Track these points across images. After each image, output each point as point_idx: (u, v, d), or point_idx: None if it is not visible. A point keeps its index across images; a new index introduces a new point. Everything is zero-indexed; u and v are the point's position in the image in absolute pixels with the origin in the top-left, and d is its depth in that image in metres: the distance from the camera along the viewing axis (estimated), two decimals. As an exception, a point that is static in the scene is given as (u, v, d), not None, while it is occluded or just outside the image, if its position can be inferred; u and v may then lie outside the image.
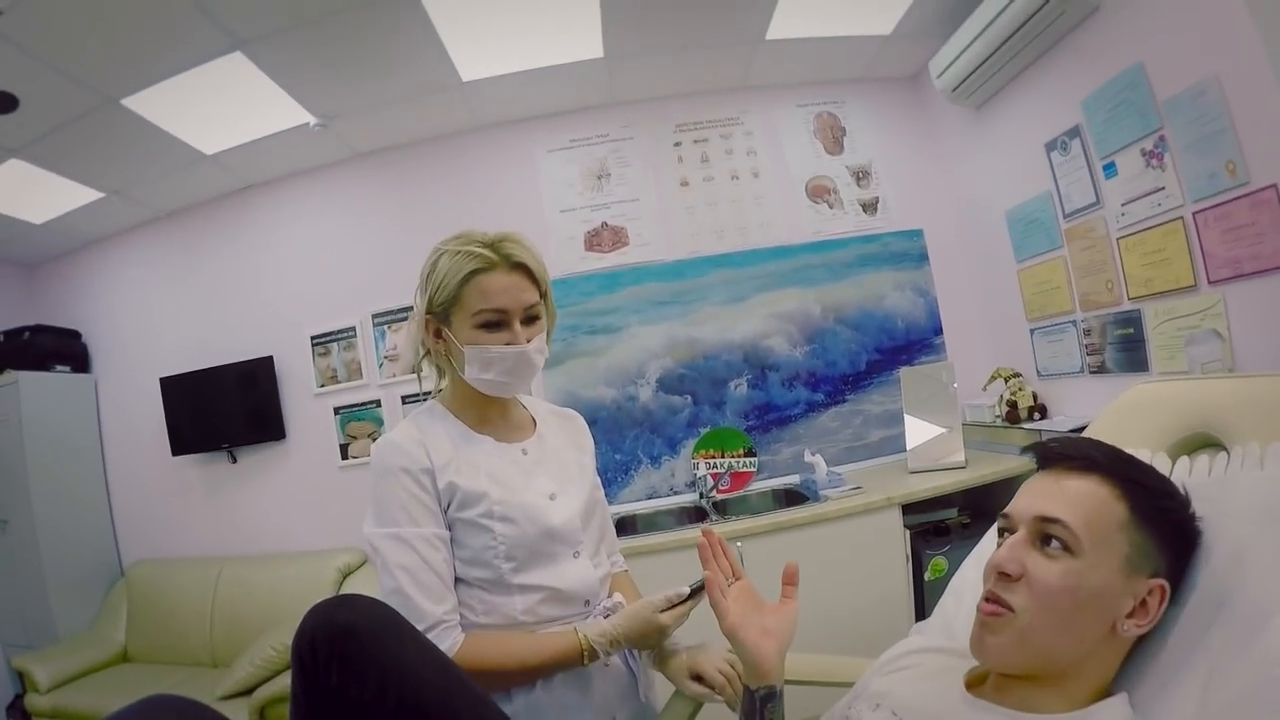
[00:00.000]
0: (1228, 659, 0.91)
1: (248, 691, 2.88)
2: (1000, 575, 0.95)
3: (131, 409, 3.93)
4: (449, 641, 1.24)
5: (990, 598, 0.96)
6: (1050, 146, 2.91)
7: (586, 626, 1.32)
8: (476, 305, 1.31)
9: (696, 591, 1.36)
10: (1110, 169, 2.63)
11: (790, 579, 1.18)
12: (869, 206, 3.67)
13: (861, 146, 3.70)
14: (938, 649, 1.20)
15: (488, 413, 1.43)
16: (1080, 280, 2.95)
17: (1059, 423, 3.02)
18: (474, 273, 1.30)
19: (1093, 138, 2.68)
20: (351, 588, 3.30)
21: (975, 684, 1.04)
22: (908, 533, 2.99)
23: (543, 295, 1.39)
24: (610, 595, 1.48)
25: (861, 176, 3.67)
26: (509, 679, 1.30)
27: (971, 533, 3.14)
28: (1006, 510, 1.03)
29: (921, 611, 3.04)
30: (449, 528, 1.32)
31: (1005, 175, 3.27)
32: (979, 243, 3.59)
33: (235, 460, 3.77)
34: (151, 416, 3.80)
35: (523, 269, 1.34)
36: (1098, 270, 2.83)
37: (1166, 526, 0.97)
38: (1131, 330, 2.72)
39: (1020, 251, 3.29)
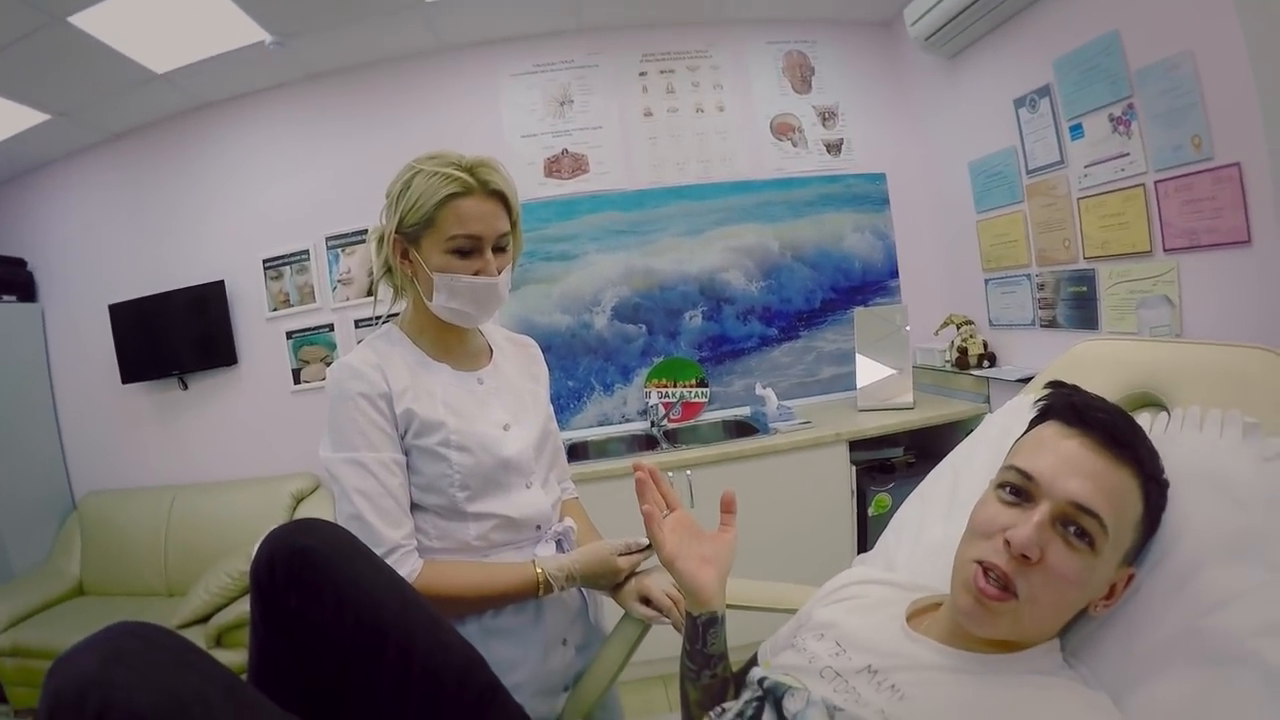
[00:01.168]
0: (1156, 609, 0.94)
1: (204, 619, 2.87)
2: (1021, 558, 0.88)
3: (80, 338, 3.82)
4: (407, 568, 1.24)
5: (994, 571, 0.90)
6: (1019, 103, 2.92)
7: (545, 561, 1.34)
8: (451, 230, 1.27)
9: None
10: (1077, 130, 2.65)
11: (728, 507, 1.18)
12: (833, 147, 3.65)
13: (830, 87, 3.66)
14: (880, 581, 1.20)
15: (446, 339, 1.42)
16: (1038, 236, 2.99)
17: (1007, 372, 3.09)
18: (451, 196, 1.26)
19: (1062, 98, 2.70)
20: (305, 513, 3.30)
21: (915, 616, 1.06)
22: (854, 468, 3.06)
23: (513, 225, 1.37)
24: (561, 520, 1.50)
25: (828, 117, 3.65)
26: (465, 606, 1.31)
27: (916, 472, 3.22)
28: (1028, 469, 0.93)
29: (864, 544, 3.10)
30: (405, 454, 1.32)
31: (971, 127, 3.28)
32: (941, 191, 3.61)
33: (186, 387, 3.70)
34: (100, 345, 3.71)
35: (499, 196, 1.31)
36: (1056, 228, 2.87)
37: (1156, 523, 0.98)
38: (1085, 289, 2.77)
39: (981, 203, 3.32)
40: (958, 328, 3.36)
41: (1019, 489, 0.93)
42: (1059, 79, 2.68)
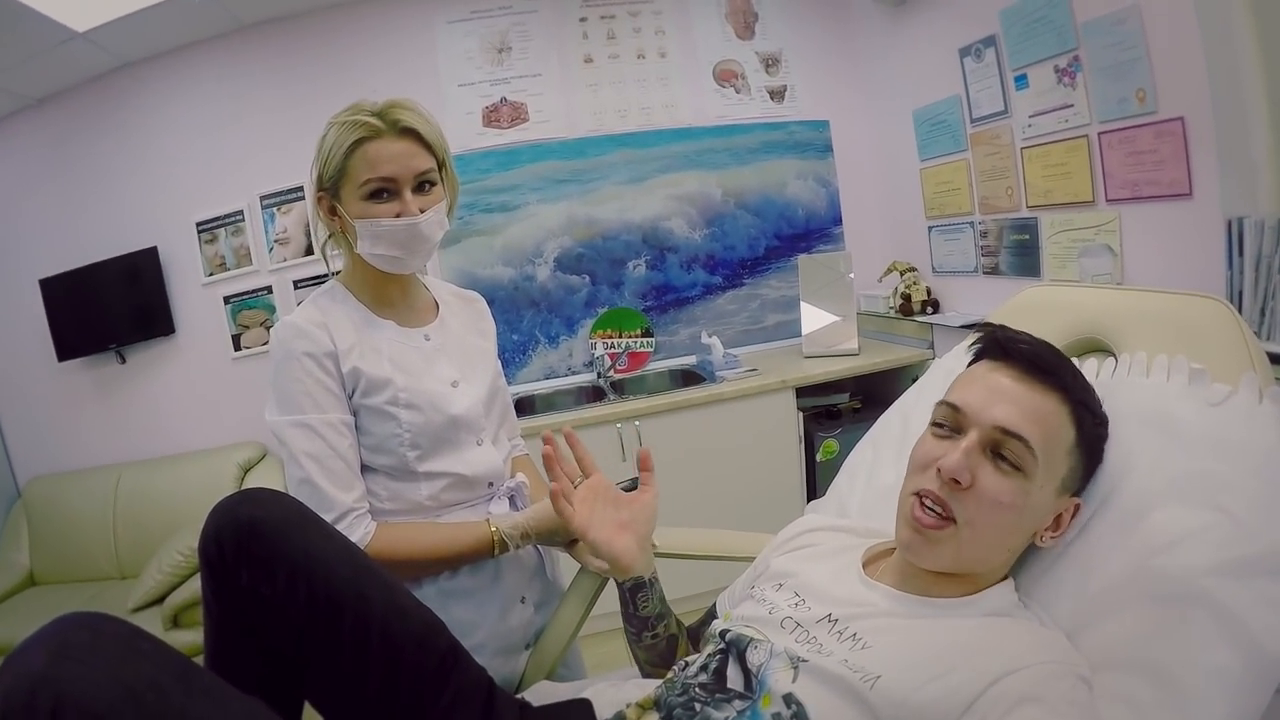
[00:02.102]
0: (1107, 549, 0.96)
1: (159, 600, 2.78)
2: (952, 482, 0.92)
3: (11, 316, 3.58)
4: (360, 531, 1.22)
5: (930, 498, 0.94)
6: (964, 52, 2.91)
7: (499, 519, 1.33)
8: (363, 175, 1.25)
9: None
10: (1021, 81, 2.67)
11: (645, 465, 1.18)
12: (776, 94, 3.62)
13: (773, 34, 3.61)
14: (834, 528, 1.21)
15: (388, 292, 1.39)
16: (981, 184, 3.01)
17: (951, 318, 3.13)
18: (359, 141, 1.24)
19: (1007, 49, 2.70)
20: (253, 482, 3.22)
21: (871, 562, 1.07)
22: (801, 415, 3.09)
23: (441, 164, 1.33)
24: (513, 477, 1.48)
25: (771, 64, 3.60)
26: (421, 569, 1.30)
27: (862, 417, 3.27)
28: (955, 402, 0.98)
29: (813, 490, 3.14)
30: (353, 414, 1.29)
31: (916, 75, 3.28)
32: (884, 139, 3.61)
33: (124, 360, 3.53)
34: (33, 323, 3.49)
35: (412, 134, 1.27)
36: (999, 176, 2.90)
37: (1096, 453, 1.00)
38: (1027, 236, 2.81)
39: (925, 151, 3.33)
40: (901, 274, 3.38)
41: (950, 422, 0.97)
42: (1005, 29, 2.68)
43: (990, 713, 0.75)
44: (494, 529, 1.31)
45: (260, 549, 0.98)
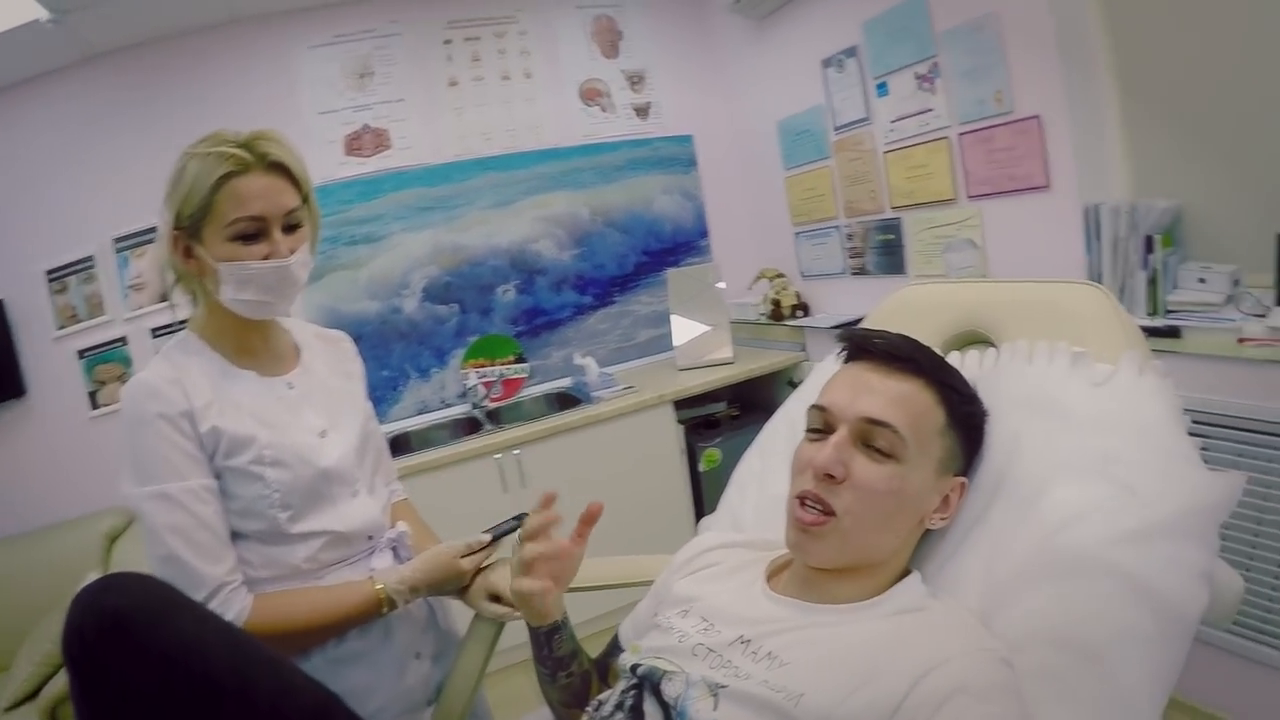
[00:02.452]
0: (1007, 532, 0.99)
1: (34, 694, 2.56)
2: (826, 477, 0.93)
3: None
4: (236, 607, 1.13)
5: (810, 498, 0.94)
6: (827, 63, 3.01)
7: (384, 575, 1.26)
8: (231, 214, 1.14)
9: (499, 538, 1.36)
10: (883, 88, 2.78)
11: (590, 520, 1.12)
12: (641, 111, 3.64)
13: (638, 51, 3.63)
14: (732, 544, 1.20)
15: (248, 340, 1.28)
16: (846, 189, 3.12)
17: (821, 320, 3.21)
18: (226, 176, 1.13)
19: (869, 58, 2.81)
20: (122, 553, 2.96)
21: (774, 576, 1.07)
22: (681, 427, 3.11)
23: (304, 199, 1.24)
24: (393, 526, 1.40)
25: (636, 81, 3.62)
26: (306, 639, 1.21)
27: (741, 424, 3.32)
28: (823, 404, 0.99)
29: (700, 501, 3.17)
30: (216, 477, 1.18)
31: (780, 87, 3.36)
32: (749, 150, 3.69)
33: None
34: None
35: (281, 169, 1.18)
36: (863, 180, 3.01)
37: (971, 430, 1.03)
38: (892, 236, 2.93)
39: (789, 159, 3.42)
40: (770, 281, 3.45)
41: (821, 424, 0.99)
42: (867, 39, 2.79)
43: (920, 713, 0.76)
44: (379, 586, 1.23)
45: (127, 640, 0.90)
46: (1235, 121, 1.97)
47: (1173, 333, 1.91)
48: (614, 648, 1.21)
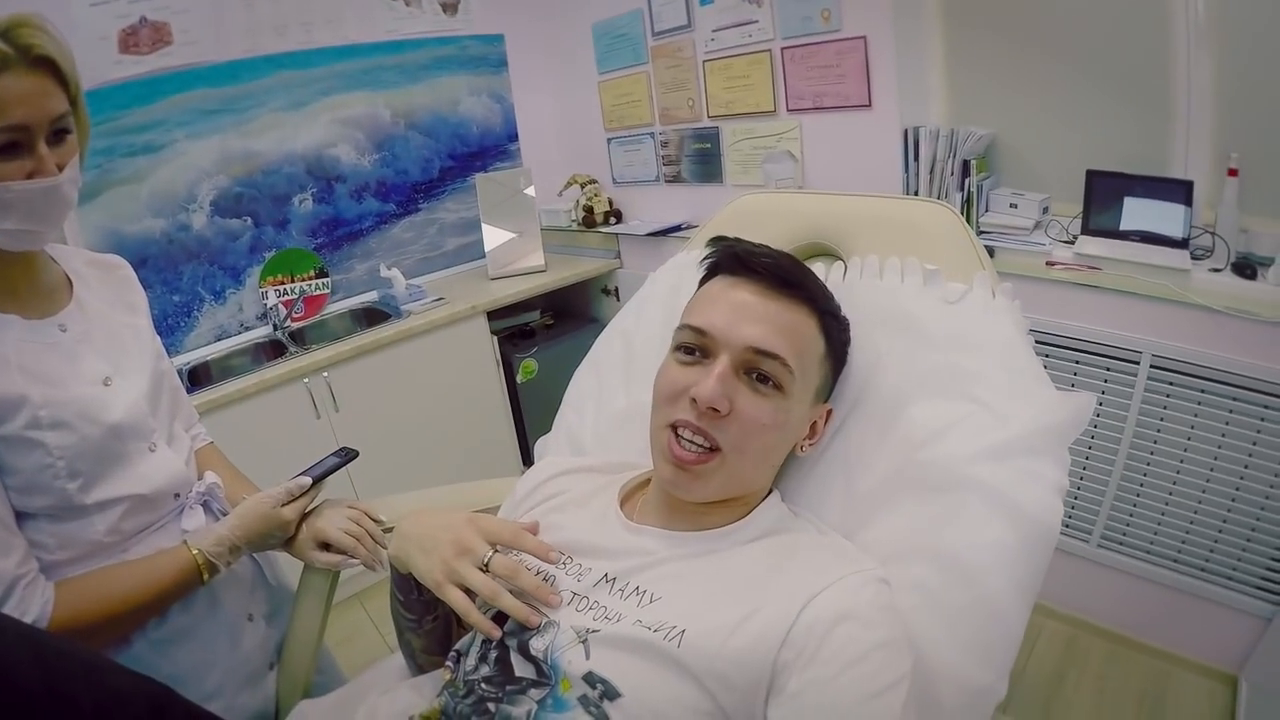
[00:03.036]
0: (867, 448, 1.01)
1: None
2: (710, 411, 0.86)
3: None
4: (37, 605, 0.96)
5: (691, 428, 0.88)
6: None
7: (199, 538, 1.11)
8: None
9: (320, 479, 1.24)
10: None
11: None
12: (449, 7, 3.40)
13: (448, -56, 3.39)
14: (579, 469, 1.14)
15: (9, 278, 1.05)
16: (662, 96, 3.09)
17: (635, 227, 3.23)
18: None
19: None
20: None
21: (629, 502, 1.03)
22: (495, 339, 3.07)
23: (73, 102, 1.00)
24: (201, 477, 1.24)
25: (444, -25, 3.40)
26: (121, 626, 1.06)
27: (557, 333, 3.34)
28: (700, 324, 0.91)
29: (518, 414, 3.16)
30: None
31: None
32: (562, 52, 3.56)
33: None
34: None
35: (48, 65, 0.95)
36: (680, 88, 2.99)
37: (842, 358, 1.02)
38: (709, 145, 2.96)
39: (604, 64, 3.33)
40: (582, 187, 3.42)
41: (696, 347, 0.92)
42: None
43: (807, 643, 0.74)
44: (195, 551, 1.09)
45: None
46: (1054, 57, 2.09)
47: (988, 254, 2.06)
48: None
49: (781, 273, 0.93)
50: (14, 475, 0.99)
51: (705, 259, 1.01)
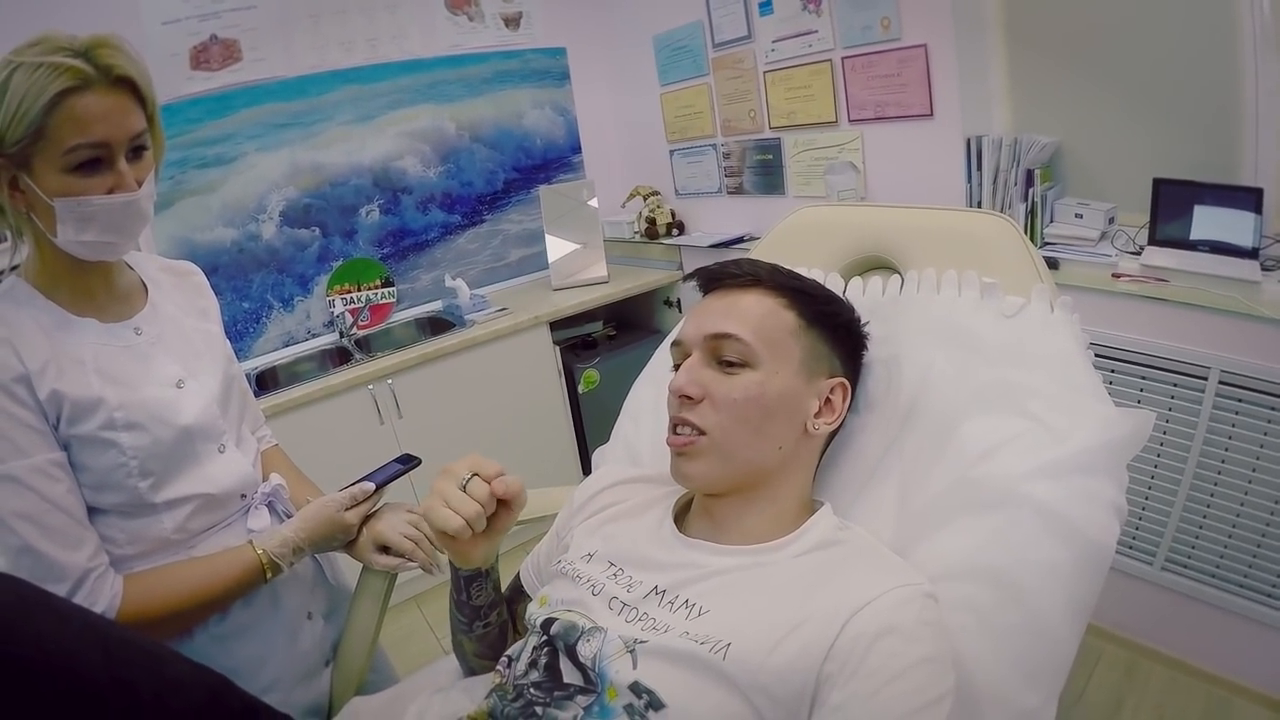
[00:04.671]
0: (921, 464, 1.00)
1: None
2: (683, 399, 0.94)
3: None
4: (106, 596, 1.00)
5: (678, 422, 0.95)
6: None
7: (264, 539, 1.15)
8: (70, 139, 0.94)
9: (383, 485, 1.28)
10: (766, 7, 2.75)
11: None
12: (511, 21, 3.45)
13: (508, -42, 3.44)
14: (636, 479, 1.16)
15: (88, 284, 1.10)
16: (723, 107, 3.10)
17: (698, 238, 3.22)
18: (64, 94, 0.93)
19: None
20: None
21: (681, 514, 1.05)
22: (558, 349, 3.08)
23: (150, 119, 1.05)
24: (266, 479, 1.28)
25: (505, -11, 3.45)
26: (186, 620, 1.10)
27: (618, 344, 3.33)
28: (677, 338, 1.01)
29: (580, 424, 3.17)
30: (63, 448, 1.03)
31: (657, 1, 3.27)
32: (624, 64, 3.59)
33: None
34: None
35: (127, 85, 0.99)
36: (742, 99, 2.99)
37: (835, 329, 1.03)
38: (770, 156, 2.95)
39: (665, 75, 3.35)
40: (645, 199, 3.42)
41: (679, 358, 1.00)
42: None
43: (850, 656, 0.74)
44: (260, 551, 1.13)
45: None
46: (1119, 64, 2.03)
47: (1050, 264, 1.97)
48: (518, 591, 1.18)
49: (727, 272, 1.03)
50: (88, 473, 1.04)
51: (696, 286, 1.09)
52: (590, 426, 3.19)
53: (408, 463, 1.34)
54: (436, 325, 3.21)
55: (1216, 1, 1.83)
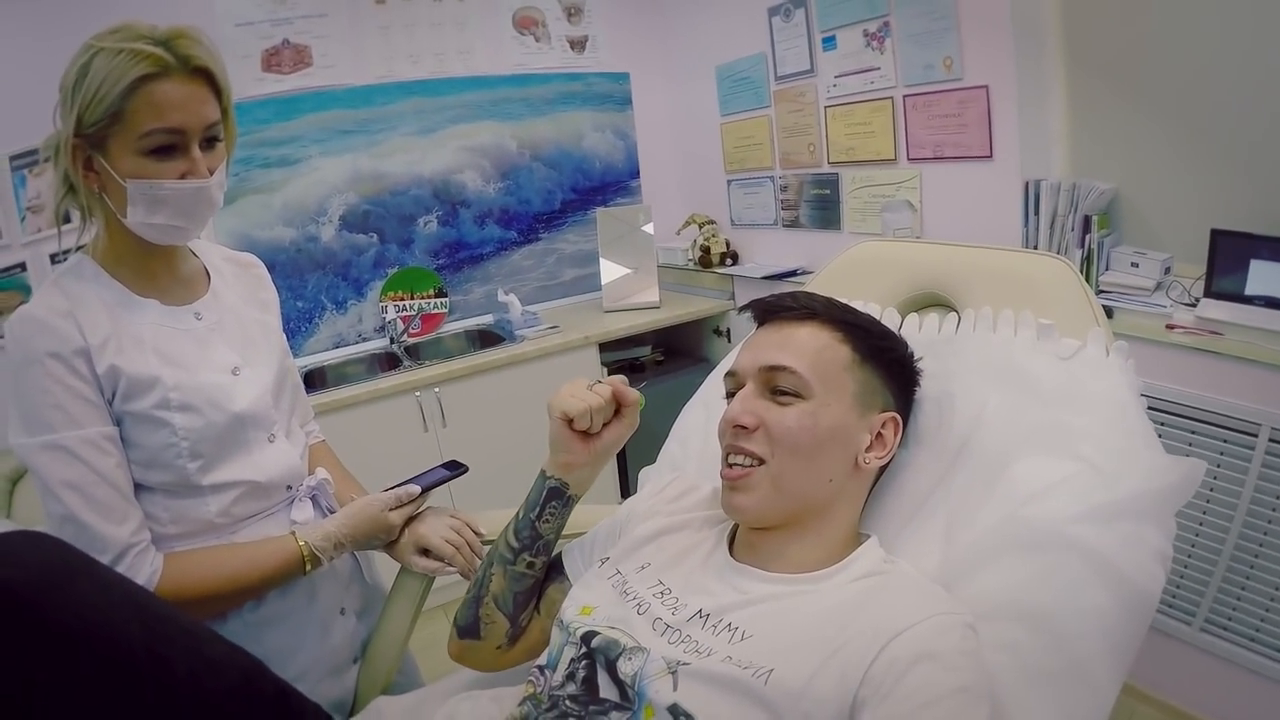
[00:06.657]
0: (970, 501, 0.99)
1: None
2: (737, 428, 0.95)
3: None
4: (147, 570, 1.02)
5: (732, 450, 0.96)
6: (774, 11, 2.96)
7: (307, 531, 1.16)
8: (146, 123, 0.98)
9: (428, 489, 1.29)
10: (830, 42, 2.76)
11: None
12: (577, 44, 3.51)
13: (578, -19, 3.50)
14: (708, 495, 1.16)
15: (152, 267, 1.13)
16: (783, 140, 3.11)
17: (751, 269, 3.21)
18: (143, 79, 0.96)
19: (818, 10, 2.77)
20: (25, 496, 2.86)
21: (733, 539, 1.04)
22: (605, 370, 3.08)
23: (224, 111, 1.08)
24: (312, 472, 1.29)
25: (573, 12, 3.47)
26: (222, 603, 1.11)
27: (666, 370, 3.33)
28: (732, 368, 1.02)
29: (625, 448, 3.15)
30: (116, 423, 1.05)
31: (722, 32, 3.30)
32: (686, 93, 3.62)
33: None
34: None
35: (204, 75, 1.03)
36: (802, 133, 3.00)
37: (889, 364, 1.03)
38: (828, 191, 2.94)
39: (726, 106, 3.37)
40: (700, 227, 3.44)
41: (733, 388, 1.01)
42: None
43: (885, 680, 0.74)
44: (302, 543, 1.14)
45: (20, 616, 0.75)
46: (1179, 111, 2.01)
47: (1105, 313, 1.96)
48: (554, 570, 1.16)
49: (784, 305, 1.03)
50: (138, 450, 1.06)
51: (750, 318, 1.10)
52: (632, 449, 3.14)
53: (455, 469, 1.34)
54: (486, 338, 3.25)
55: (1277, 49, 1.81)
